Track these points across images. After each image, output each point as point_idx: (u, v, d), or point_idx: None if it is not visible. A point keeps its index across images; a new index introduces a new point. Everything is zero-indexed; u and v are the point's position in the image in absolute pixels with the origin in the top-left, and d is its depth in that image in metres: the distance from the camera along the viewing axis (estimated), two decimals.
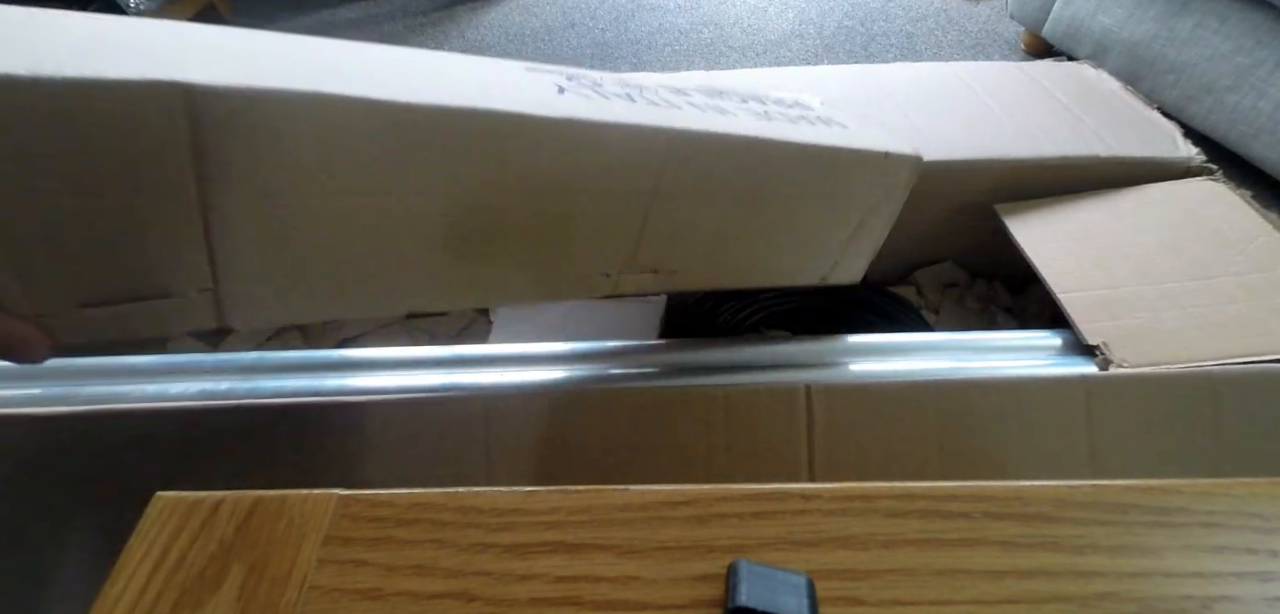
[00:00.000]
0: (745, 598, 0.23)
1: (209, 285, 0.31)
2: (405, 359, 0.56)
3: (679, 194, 0.40)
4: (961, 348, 0.56)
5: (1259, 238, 0.59)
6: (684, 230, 0.43)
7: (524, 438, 0.49)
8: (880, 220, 0.53)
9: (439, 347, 0.58)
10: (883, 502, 0.27)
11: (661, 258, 0.44)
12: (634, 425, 0.49)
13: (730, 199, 0.43)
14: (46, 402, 0.51)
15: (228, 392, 0.52)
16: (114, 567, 0.25)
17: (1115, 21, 1.30)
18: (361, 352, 0.57)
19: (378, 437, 0.49)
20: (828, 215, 0.50)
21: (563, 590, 0.25)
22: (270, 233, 0.31)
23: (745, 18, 1.77)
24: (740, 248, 0.47)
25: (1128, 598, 0.24)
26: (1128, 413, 0.49)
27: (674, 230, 0.43)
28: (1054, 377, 0.50)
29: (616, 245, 0.41)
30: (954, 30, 1.66)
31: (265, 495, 0.28)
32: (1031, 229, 0.65)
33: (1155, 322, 0.53)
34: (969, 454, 0.49)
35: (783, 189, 0.45)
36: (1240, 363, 0.49)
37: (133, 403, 0.51)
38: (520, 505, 0.27)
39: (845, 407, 0.49)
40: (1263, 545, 0.25)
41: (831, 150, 0.45)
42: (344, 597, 0.25)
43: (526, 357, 0.57)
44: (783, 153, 0.43)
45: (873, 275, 0.79)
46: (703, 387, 0.49)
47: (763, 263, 0.50)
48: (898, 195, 0.52)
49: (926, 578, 0.25)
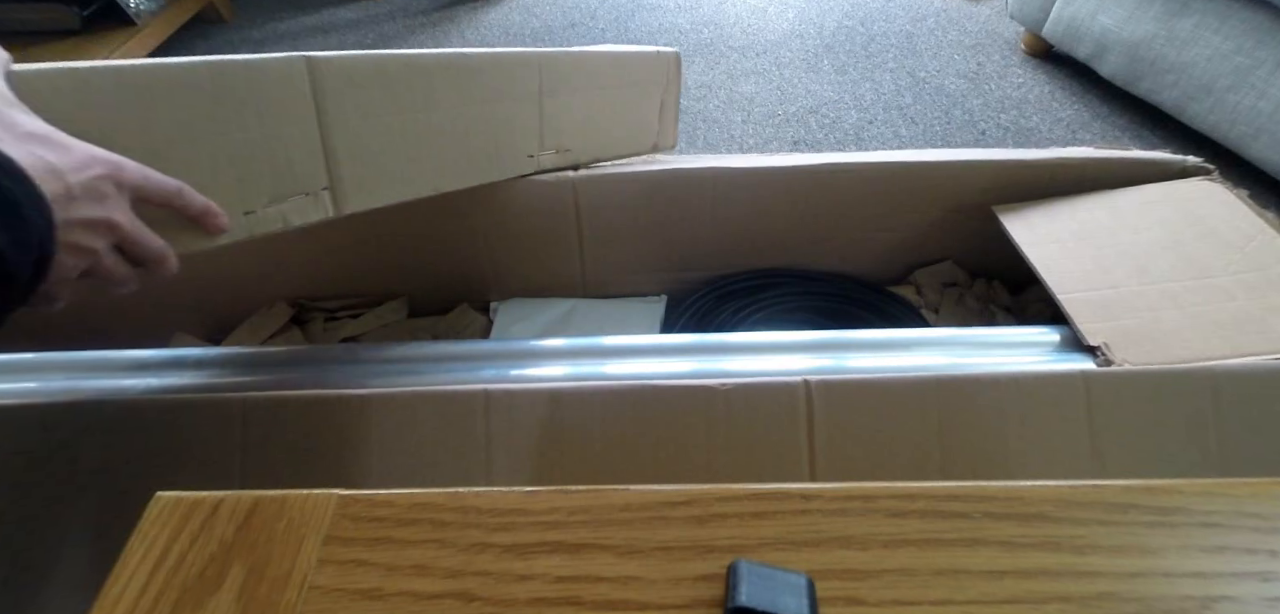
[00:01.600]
0: (745, 598, 0.23)
1: (327, 184, 0.49)
2: (405, 356, 0.56)
3: (556, 92, 0.66)
4: (961, 344, 0.56)
5: (1257, 237, 0.59)
6: (566, 119, 0.68)
7: (524, 436, 0.49)
8: (672, 99, 0.82)
9: (439, 344, 0.58)
10: (883, 502, 0.27)
11: (558, 140, 0.68)
12: (634, 424, 0.49)
13: (584, 94, 0.69)
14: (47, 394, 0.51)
15: (229, 387, 0.52)
16: (114, 567, 0.25)
17: (1115, 21, 1.30)
18: (362, 348, 0.58)
19: (378, 433, 0.49)
20: (644, 97, 0.78)
21: (563, 590, 0.25)
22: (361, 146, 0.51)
23: (745, 18, 1.77)
24: (603, 128, 0.73)
25: (1128, 598, 0.24)
26: (1128, 409, 0.49)
27: (559, 120, 0.67)
28: (1054, 372, 0.50)
29: (530, 132, 0.66)
30: (954, 30, 1.66)
31: (265, 495, 0.28)
32: (1030, 229, 0.65)
33: (1154, 321, 0.53)
34: (969, 449, 0.49)
35: (613, 81, 0.73)
36: (1239, 361, 0.49)
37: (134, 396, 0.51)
38: (520, 505, 0.27)
39: (845, 402, 0.49)
40: (1262, 545, 0.25)
41: (632, 53, 0.76)
42: (344, 597, 0.25)
43: (526, 354, 0.57)
44: (606, 59, 0.72)
45: (872, 275, 0.80)
46: (702, 384, 0.49)
47: (619, 138, 0.76)
48: (676, 81, 0.82)
49: (926, 578, 0.25)
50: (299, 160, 0.47)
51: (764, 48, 1.64)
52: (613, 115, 0.74)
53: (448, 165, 0.58)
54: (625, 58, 0.75)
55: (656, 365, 0.54)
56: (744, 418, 0.49)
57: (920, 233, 0.76)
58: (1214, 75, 1.16)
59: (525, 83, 0.63)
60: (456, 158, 0.59)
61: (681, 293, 0.78)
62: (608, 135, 0.74)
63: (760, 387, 0.49)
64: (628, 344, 0.57)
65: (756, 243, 0.76)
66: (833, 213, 0.74)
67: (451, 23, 1.81)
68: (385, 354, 0.56)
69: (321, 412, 0.49)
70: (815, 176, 0.72)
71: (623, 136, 0.76)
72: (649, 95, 0.79)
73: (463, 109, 0.58)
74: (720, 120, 1.40)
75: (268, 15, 1.89)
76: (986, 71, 1.51)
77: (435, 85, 0.55)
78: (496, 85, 0.60)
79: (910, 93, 1.46)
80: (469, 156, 0.60)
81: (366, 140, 0.51)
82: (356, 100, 0.50)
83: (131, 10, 1.55)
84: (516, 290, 0.78)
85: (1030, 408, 0.49)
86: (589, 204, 0.71)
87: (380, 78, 0.51)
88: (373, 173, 0.52)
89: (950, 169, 0.71)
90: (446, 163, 0.58)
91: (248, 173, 0.45)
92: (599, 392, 0.50)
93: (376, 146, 0.52)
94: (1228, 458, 0.48)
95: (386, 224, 0.70)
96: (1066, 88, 1.44)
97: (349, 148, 0.50)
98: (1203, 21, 1.18)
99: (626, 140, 0.77)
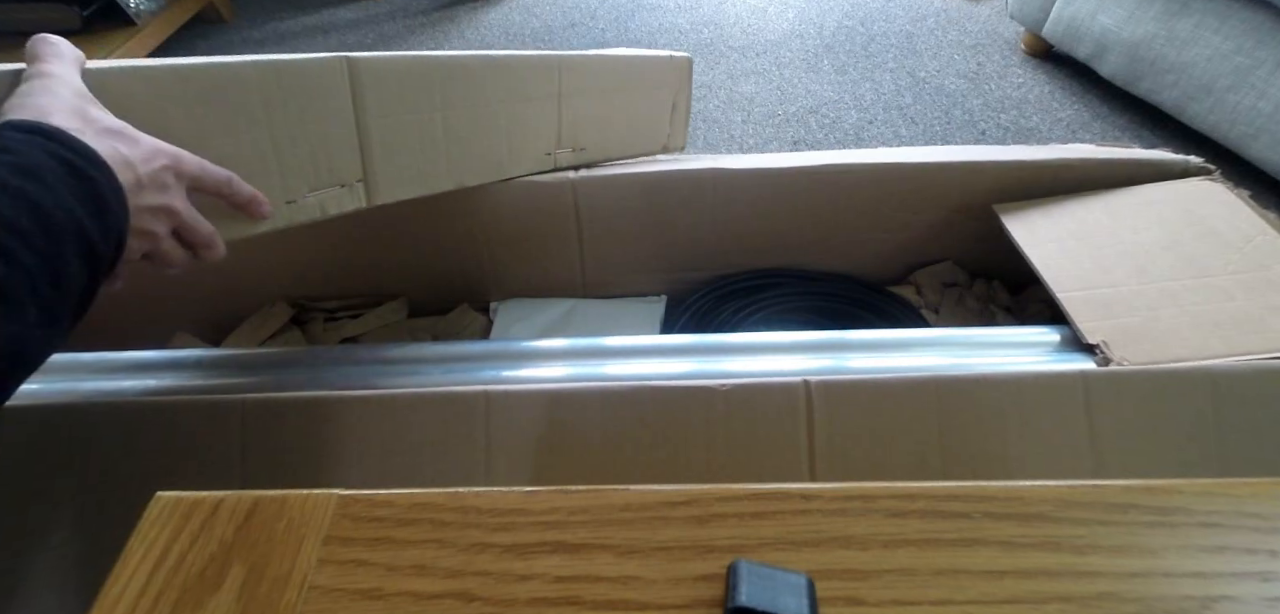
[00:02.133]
0: (745, 598, 0.23)
1: (361, 176, 0.52)
2: (405, 357, 0.56)
3: (574, 93, 0.68)
4: (961, 344, 0.56)
5: (1257, 237, 0.59)
6: (582, 119, 0.70)
7: (524, 436, 0.49)
8: (683, 102, 0.85)
9: (439, 345, 0.58)
10: (883, 502, 0.27)
11: (575, 139, 0.71)
12: (634, 425, 0.49)
13: (601, 95, 0.72)
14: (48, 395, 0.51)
15: (229, 388, 0.52)
16: (114, 567, 0.25)
17: (1115, 21, 1.29)
18: (362, 349, 0.58)
19: (378, 435, 0.49)
20: (656, 100, 0.81)
21: (563, 590, 0.25)
22: (393, 141, 0.53)
23: (745, 18, 1.77)
24: (617, 129, 0.76)
25: (1128, 598, 0.24)
26: (1127, 409, 0.49)
27: (577, 120, 0.70)
28: (1053, 372, 0.50)
29: (549, 132, 0.68)
30: (954, 30, 1.66)
31: (265, 495, 0.28)
32: (1031, 229, 0.65)
33: (1154, 320, 0.53)
34: (969, 449, 0.49)
35: (628, 83, 0.76)
36: (1239, 361, 0.49)
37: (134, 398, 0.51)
38: (520, 505, 0.27)
39: (845, 403, 0.49)
40: (1262, 545, 0.25)
41: (647, 57, 0.79)
42: (344, 597, 0.25)
43: (526, 354, 0.57)
44: (622, 62, 0.76)
45: (873, 275, 0.80)
46: (702, 385, 0.49)
47: (632, 138, 0.78)
48: (688, 85, 0.86)
49: (926, 578, 0.25)
50: (336, 153, 0.50)
51: (764, 48, 1.64)
52: (627, 116, 0.77)
53: (471, 161, 0.61)
54: (640, 61, 0.78)
55: (656, 366, 0.54)
56: (744, 419, 0.49)
57: (920, 233, 0.76)
58: (1214, 75, 1.16)
59: (546, 83, 0.65)
60: (480, 154, 0.62)
61: (681, 293, 0.78)
62: (621, 135, 0.77)
63: (760, 387, 0.49)
64: (627, 345, 0.57)
65: (756, 243, 0.76)
66: (833, 213, 0.74)
67: (451, 23, 1.81)
68: (385, 355, 0.56)
69: (321, 413, 0.49)
70: (815, 176, 0.72)
71: (635, 137, 0.79)
72: (662, 98, 0.82)
73: (487, 107, 0.61)
74: (720, 120, 1.40)
75: (268, 15, 1.89)
76: (986, 71, 1.51)
77: (463, 84, 0.58)
78: (519, 86, 0.63)
79: (910, 93, 1.46)
80: (491, 153, 0.63)
81: (399, 135, 0.54)
82: (391, 98, 0.52)
83: (131, 10, 1.55)
84: (516, 290, 0.78)
85: (1030, 408, 0.49)
86: (589, 204, 0.71)
87: (413, 77, 0.54)
88: (403, 166, 0.55)
89: (951, 170, 0.71)
90: (470, 158, 0.61)
91: (290, 165, 0.48)
92: (599, 393, 0.50)
93: (407, 142, 0.55)
94: (1228, 458, 0.48)
95: (386, 224, 0.70)
96: (1066, 88, 1.44)
97: (383, 142, 0.53)
98: (1203, 21, 1.17)
99: (639, 140, 0.80)
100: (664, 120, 0.83)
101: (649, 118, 0.81)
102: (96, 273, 0.31)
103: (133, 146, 0.35)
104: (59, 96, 0.34)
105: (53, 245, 0.28)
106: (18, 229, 0.27)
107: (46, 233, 0.28)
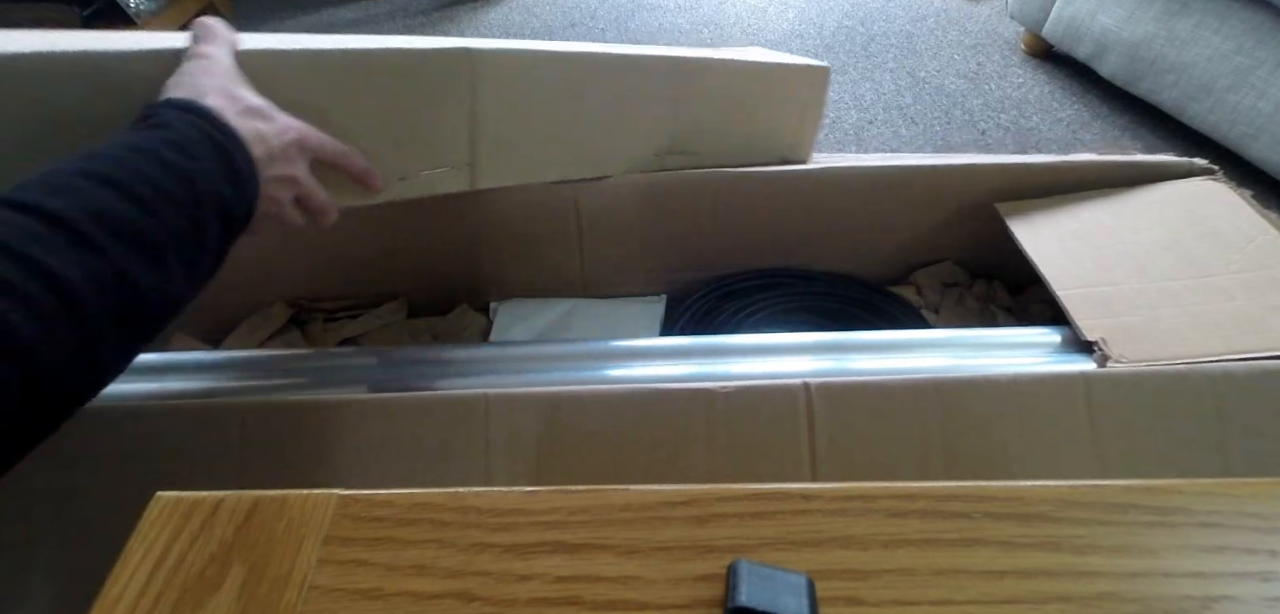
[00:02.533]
0: (745, 598, 0.23)
1: (469, 161, 0.54)
2: (406, 358, 0.56)
3: (692, 98, 0.67)
4: (961, 345, 0.56)
5: (1258, 237, 0.59)
6: (699, 124, 0.69)
7: (524, 440, 0.49)
8: (814, 111, 0.80)
9: (439, 348, 0.58)
10: (883, 502, 0.27)
11: (687, 144, 0.70)
12: (634, 427, 0.49)
13: (723, 102, 0.70)
14: None
15: (228, 390, 0.52)
16: (114, 567, 0.25)
17: (1115, 21, 1.29)
18: (362, 352, 0.58)
19: (377, 438, 0.49)
20: (783, 109, 0.77)
21: (563, 590, 0.25)
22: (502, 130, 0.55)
23: (745, 18, 1.77)
24: (736, 136, 0.74)
25: (1128, 598, 0.24)
26: (1128, 409, 0.49)
27: (693, 126, 0.69)
28: (1053, 373, 0.50)
29: (660, 133, 0.68)
30: (954, 30, 1.66)
31: (265, 495, 0.28)
32: (1032, 228, 0.65)
33: (1154, 319, 0.53)
34: (970, 450, 0.49)
35: (756, 92, 0.73)
36: (1239, 361, 0.49)
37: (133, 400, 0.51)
38: (520, 505, 0.27)
39: (845, 404, 0.49)
40: (1262, 545, 0.25)
41: (780, 66, 0.76)
42: (344, 597, 0.25)
43: (526, 358, 0.57)
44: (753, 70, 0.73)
45: (873, 275, 0.80)
46: (702, 387, 0.49)
47: (750, 147, 0.75)
48: (822, 95, 0.81)
49: (926, 578, 0.25)
50: (448, 137, 0.52)
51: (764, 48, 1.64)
52: (748, 125, 0.74)
53: (574, 154, 0.62)
54: (773, 70, 0.75)
55: (656, 369, 0.54)
56: (744, 421, 0.49)
57: (920, 233, 0.76)
58: (1214, 75, 1.16)
59: (659, 86, 0.65)
60: (584, 148, 0.63)
61: (681, 293, 0.78)
62: (739, 144, 0.74)
63: (760, 389, 0.49)
64: (627, 347, 0.57)
65: (756, 243, 0.76)
66: (833, 213, 0.74)
67: (451, 23, 1.81)
68: (385, 358, 0.56)
69: (320, 416, 0.49)
70: (815, 177, 0.72)
71: (754, 146, 0.76)
72: (789, 107, 0.78)
73: (599, 106, 0.61)
74: None
75: (267, 14, 1.89)
76: (986, 71, 1.51)
77: (576, 80, 0.59)
78: (635, 87, 0.63)
79: (910, 93, 1.46)
80: (597, 150, 0.64)
81: (508, 125, 0.56)
82: (506, 90, 0.54)
83: (131, 10, 1.55)
84: (516, 291, 0.78)
85: (1030, 408, 0.49)
86: (589, 204, 0.71)
87: (530, 71, 0.56)
88: (507, 155, 0.57)
89: (952, 173, 0.72)
90: (573, 152, 0.62)
91: (405, 143, 0.50)
92: (599, 396, 0.50)
93: (515, 132, 0.57)
94: (1228, 457, 0.48)
95: (386, 224, 0.70)
96: (1066, 88, 1.44)
97: (492, 130, 0.54)
98: (1203, 21, 1.18)
99: (758, 150, 0.77)
100: (787, 130, 0.78)
101: (773, 127, 0.76)
102: (230, 231, 0.37)
103: (268, 123, 0.40)
104: (213, 77, 0.39)
105: (196, 208, 0.34)
106: (171, 195, 0.33)
107: (194, 199, 0.34)
